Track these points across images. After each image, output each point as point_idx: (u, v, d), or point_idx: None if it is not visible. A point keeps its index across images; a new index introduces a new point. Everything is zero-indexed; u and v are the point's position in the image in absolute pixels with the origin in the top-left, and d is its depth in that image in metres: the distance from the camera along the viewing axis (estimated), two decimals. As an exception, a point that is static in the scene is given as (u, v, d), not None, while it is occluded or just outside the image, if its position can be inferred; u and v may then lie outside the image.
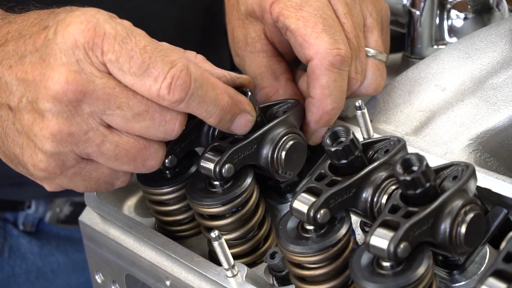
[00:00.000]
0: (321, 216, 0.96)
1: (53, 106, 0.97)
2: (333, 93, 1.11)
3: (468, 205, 0.93)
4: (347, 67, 1.11)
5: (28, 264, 1.68)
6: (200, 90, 0.99)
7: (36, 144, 1.00)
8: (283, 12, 1.13)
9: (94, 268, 1.25)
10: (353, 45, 1.14)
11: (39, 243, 1.69)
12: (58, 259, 1.71)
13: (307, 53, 1.11)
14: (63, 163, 1.01)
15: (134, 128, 0.99)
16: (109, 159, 1.01)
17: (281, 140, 1.08)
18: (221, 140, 1.08)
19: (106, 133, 0.99)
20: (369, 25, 1.18)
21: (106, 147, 1.00)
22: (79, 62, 0.97)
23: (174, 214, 1.15)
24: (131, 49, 0.97)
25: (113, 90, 0.97)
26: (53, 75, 0.97)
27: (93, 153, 1.00)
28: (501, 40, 1.19)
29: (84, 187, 1.05)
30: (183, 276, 1.10)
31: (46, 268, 1.70)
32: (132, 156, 1.01)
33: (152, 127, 1.00)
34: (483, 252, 1.00)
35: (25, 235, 1.68)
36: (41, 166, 1.01)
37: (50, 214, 1.69)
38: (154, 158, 1.03)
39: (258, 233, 1.11)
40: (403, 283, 0.89)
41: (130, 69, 0.97)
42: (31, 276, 1.69)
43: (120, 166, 1.02)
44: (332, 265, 0.97)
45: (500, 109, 1.14)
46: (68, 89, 0.96)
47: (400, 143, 1.01)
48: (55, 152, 0.99)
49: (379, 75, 1.18)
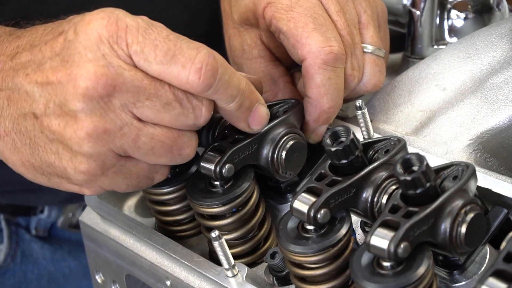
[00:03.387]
0: (321, 216, 0.96)
1: (85, 104, 0.96)
2: (329, 91, 1.11)
3: (468, 205, 0.93)
4: (341, 64, 1.11)
5: (40, 269, 1.68)
6: (226, 74, 0.99)
7: (73, 147, 0.98)
8: (275, 15, 1.13)
9: (94, 268, 1.25)
10: (347, 42, 1.13)
11: (51, 248, 1.69)
12: (70, 264, 1.71)
13: (300, 53, 1.11)
14: (103, 163, 1.00)
15: (165, 118, 0.99)
16: (146, 152, 1.00)
17: (281, 140, 1.08)
18: (221, 140, 1.08)
19: (140, 127, 0.99)
20: (364, 21, 1.18)
21: (142, 141, 0.99)
22: (105, 56, 0.96)
23: (175, 214, 1.15)
24: (155, 39, 0.96)
25: (141, 82, 0.97)
26: (81, 72, 0.96)
27: (130, 149, 0.99)
28: (501, 40, 1.19)
29: (126, 185, 1.04)
30: (183, 276, 1.10)
31: (58, 273, 1.70)
32: (168, 147, 1.00)
33: (182, 115, 0.99)
34: (483, 252, 1.00)
35: (37, 240, 1.68)
36: (82, 169, 0.99)
37: (62, 219, 1.69)
38: (188, 146, 1.02)
39: (258, 233, 1.11)
40: (404, 283, 0.89)
41: (156, 58, 0.96)
42: (43, 281, 1.69)
43: (158, 159, 1.01)
44: (333, 265, 0.97)
45: (500, 109, 1.14)
46: (98, 84, 0.95)
47: (401, 143, 1.01)
48: (94, 152, 0.98)
49: (378, 70, 1.17)
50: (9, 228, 1.66)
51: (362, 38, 1.17)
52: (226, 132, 1.09)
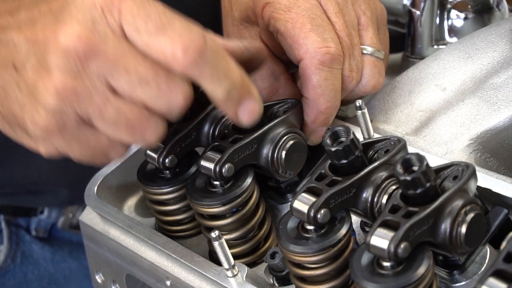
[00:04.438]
0: (321, 216, 0.96)
1: (62, 62, 0.96)
2: (325, 92, 1.10)
3: (468, 205, 0.93)
4: (338, 65, 1.11)
5: (40, 270, 1.68)
6: (214, 58, 0.97)
7: (39, 100, 0.98)
8: (273, 15, 1.13)
9: (94, 268, 1.25)
10: (346, 43, 1.13)
11: (52, 249, 1.69)
12: (71, 265, 1.71)
13: (297, 53, 1.11)
14: (63, 122, 0.99)
15: (139, 94, 0.97)
16: (109, 125, 0.99)
17: (281, 139, 1.08)
18: (221, 139, 1.08)
19: (110, 97, 0.98)
20: (363, 23, 1.18)
21: (109, 112, 0.98)
22: (94, 22, 0.96)
23: (174, 214, 1.15)
24: (150, 12, 0.96)
25: (124, 53, 0.96)
26: (65, 29, 0.96)
27: (94, 117, 0.98)
28: (501, 40, 1.19)
29: (80, 153, 1.02)
30: (183, 276, 1.10)
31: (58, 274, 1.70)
32: (132, 125, 0.99)
33: (157, 96, 0.97)
34: (483, 252, 1.00)
35: (37, 241, 1.68)
36: (41, 123, 0.99)
37: (62, 219, 1.69)
38: (153, 132, 1.00)
39: (258, 233, 1.11)
40: (403, 283, 0.89)
41: (146, 29, 0.96)
42: (43, 282, 1.69)
43: (119, 135, 1.00)
44: (332, 265, 0.97)
45: (500, 109, 1.14)
46: (79, 46, 0.95)
47: (400, 143, 1.01)
48: (57, 109, 0.97)
49: (377, 72, 1.17)
50: (9, 229, 1.66)
51: (361, 40, 1.17)
52: (226, 132, 1.09)
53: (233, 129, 1.09)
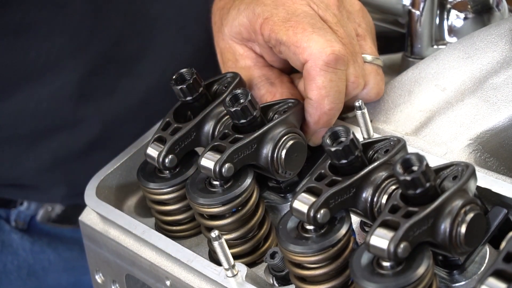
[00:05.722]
0: (321, 216, 0.96)
1: None
2: (330, 93, 1.11)
3: (468, 205, 0.93)
4: (343, 66, 1.11)
5: (19, 260, 1.68)
6: None
7: None
8: (273, 29, 1.13)
9: (94, 268, 1.25)
10: (349, 50, 1.14)
11: (31, 239, 1.69)
12: (50, 256, 1.71)
13: (301, 57, 1.11)
14: None
15: None
16: None
17: (281, 139, 1.08)
18: (221, 139, 1.08)
19: None
20: (361, 33, 1.20)
21: None
22: None
23: (174, 214, 1.15)
24: None
25: None
26: None
27: None
28: (501, 40, 1.19)
29: None
30: (183, 276, 1.10)
31: (37, 265, 1.70)
32: None
33: None
34: (483, 252, 1.00)
35: (17, 230, 1.68)
36: None
37: (42, 212, 1.69)
38: None
39: (258, 233, 1.11)
40: (403, 283, 0.89)
41: None
42: (22, 273, 1.69)
43: None
44: (332, 265, 0.98)
45: (500, 109, 1.14)
46: None
47: (400, 143, 1.01)
48: None
49: (380, 79, 1.19)
50: None
51: (362, 49, 1.18)
52: (226, 132, 1.09)
53: (233, 129, 1.09)
